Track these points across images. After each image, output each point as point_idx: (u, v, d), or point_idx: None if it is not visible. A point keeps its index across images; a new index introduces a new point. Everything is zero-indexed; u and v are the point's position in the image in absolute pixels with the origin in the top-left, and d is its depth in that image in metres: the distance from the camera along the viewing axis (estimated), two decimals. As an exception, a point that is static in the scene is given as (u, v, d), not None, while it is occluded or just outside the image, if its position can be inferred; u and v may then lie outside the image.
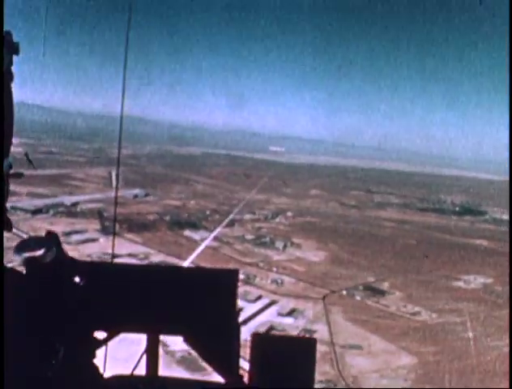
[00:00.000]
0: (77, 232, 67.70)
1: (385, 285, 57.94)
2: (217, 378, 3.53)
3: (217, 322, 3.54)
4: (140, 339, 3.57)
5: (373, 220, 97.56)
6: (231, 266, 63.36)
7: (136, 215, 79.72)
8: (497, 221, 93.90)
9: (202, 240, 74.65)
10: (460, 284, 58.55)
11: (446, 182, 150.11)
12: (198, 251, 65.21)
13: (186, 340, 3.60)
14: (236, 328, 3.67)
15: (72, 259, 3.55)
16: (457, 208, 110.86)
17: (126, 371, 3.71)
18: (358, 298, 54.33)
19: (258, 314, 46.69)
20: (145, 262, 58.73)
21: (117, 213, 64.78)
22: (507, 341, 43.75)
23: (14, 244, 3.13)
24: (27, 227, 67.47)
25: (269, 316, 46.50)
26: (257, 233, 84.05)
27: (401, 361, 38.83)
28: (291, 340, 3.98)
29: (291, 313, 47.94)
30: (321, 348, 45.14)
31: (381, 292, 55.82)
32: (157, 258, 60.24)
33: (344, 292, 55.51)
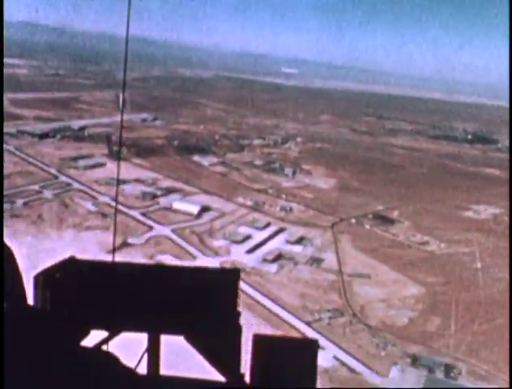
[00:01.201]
0: (84, 157, 67.09)
1: (394, 214, 57.71)
2: (218, 377, 3.49)
3: (218, 322, 3.55)
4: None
5: (384, 146, 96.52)
6: (239, 192, 63.38)
7: (144, 140, 79.01)
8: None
9: (211, 165, 74.25)
10: (470, 214, 58.17)
11: (460, 109, 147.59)
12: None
13: (188, 340, 3.53)
14: (237, 328, 3.63)
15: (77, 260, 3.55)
16: (469, 136, 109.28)
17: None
18: (367, 227, 54.22)
19: (267, 241, 46.68)
20: (152, 187, 58.57)
21: (124, 138, 64.09)
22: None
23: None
24: (34, 151, 67.11)
25: (277, 243, 46.50)
26: (266, 159, 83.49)
27: (409, 290, 38.89)
28: (292, 341, 3.82)
29: (299, 241, 47.93)
30: (329, 277, 45.50)
31: (391, 221, 55.63)
32: (165, 183, 59.95)
33: (353, 221, 55.37)
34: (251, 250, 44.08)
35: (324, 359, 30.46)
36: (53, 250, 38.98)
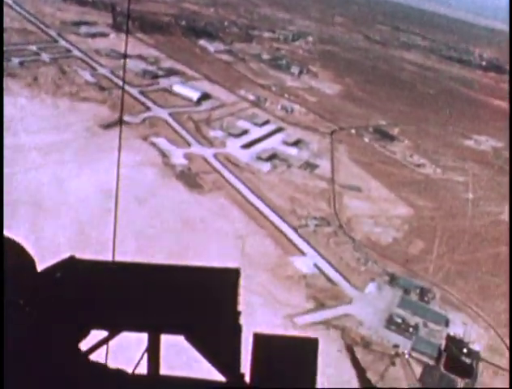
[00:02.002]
0: (87, 23, 64.32)
1: (395, 131, 56.82)
2: (218, 377, 3.49)
3: (218, 322, 3.55)
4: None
5: (396, 60, 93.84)
6: (242, 84, 61.68)
7: (151, 15, 75.72)
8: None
9: (217, 52, 71.81)
10: (470, 143, 57.45)
11: (480, 34, 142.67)
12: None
13: (188, 339, 3.51)
14: (237, 327, 3.62)
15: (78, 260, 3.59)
16: (483, 63, 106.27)
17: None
18: (366, 140, 53.44)
19: (263, 139, 45.91)
20: (154, 66, 56.69)
21: (130, 10, 61.10)
22: (504, 208, 43.91)
23: None
24: (34, 9, 64.06)
25: (273, 143, 45.75)
26: (274, 54, 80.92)
27: (397, 210, 38.88)
28: (292, 340, 3.75)
29: (296, 143, 47.20)
30: (320, 185, 45.23)
31: (390, 138, 54.85)
32: (167, 64, 58.05)
33: (353, 131, 54.47)
34: (247, 146, 43.37)
35: (304, 265, 30.82)
36: (47, 119, 38.11)
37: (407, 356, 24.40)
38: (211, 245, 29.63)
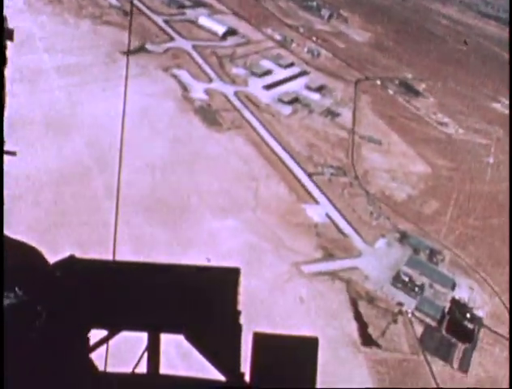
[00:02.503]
0: None
1: (421, 86, 55.27)
2: (218, 376, 3.52)
3: (218, 321, 3.59)
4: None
5: (430, 13, 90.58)
6: (270, 23, 59.90)
7: None
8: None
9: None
10: (497, 106, 55.85)
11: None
12: None
13: (188, 339, 3.61)
14: (237, 327, 3.68)
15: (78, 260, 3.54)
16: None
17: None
18: (391, 92, 52.09)
19: (286, 81, 44.85)
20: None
21: None
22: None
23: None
24: None
25: (296, 86, 44.70)
26: (305, -6, 78.29)
27: (415, 167, 38.20)
28: (292, 339, 3.93)
29: (319, 89, 46.07)
30: (340, 133, 44.38)
31: (416, 93, 53.40)
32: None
33: (378, 82, 53.03)
34: (269, 87, 42.35)
35: (316, 214, 30.50)
36: (68, 39, 37.26)
37: (409, 315, 24.33)
38: (225, 184, 29.30)
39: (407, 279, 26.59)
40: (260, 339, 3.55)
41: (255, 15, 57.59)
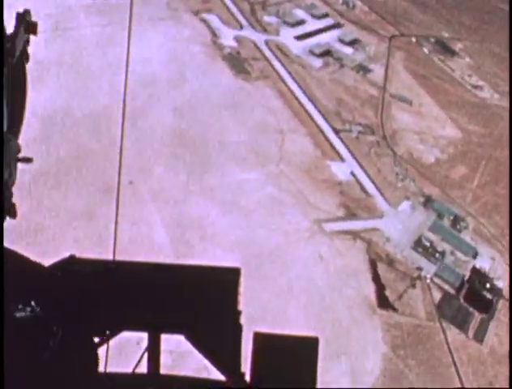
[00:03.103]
0: None
1: (457, 46, 53.40)
2: (218, 376, 3.56)
3: (218, 321, 3.75)
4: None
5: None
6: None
7: None
8: None
9: None
10: (536, 71, 53.95)
11: None
12: None
13: (188, 339, 3.79)
14: (237, 327, 3.78)
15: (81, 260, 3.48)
16: None
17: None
18: (425, 51, 50.43)
19: (319, 33, 43.58)
20: None
21: None
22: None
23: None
24: None
25: (329, 39, 43.39)
26: None
27: (445, 131, 37.24)
28: (293, 339, 3.90)
29: (352, 43, 44.72)
30: (370, 90, 43.41)
31: (451, 53, 51.66)
32: None
33: (413, 39, 51.37)
34: (301, 37, 41.18)
35: (341, 171, 29.95)
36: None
37: (428, 280, 24.00)
38: (249, 134, 28.80)
39: (428, 244, 26.21)
40: (260, 339, 3.62)
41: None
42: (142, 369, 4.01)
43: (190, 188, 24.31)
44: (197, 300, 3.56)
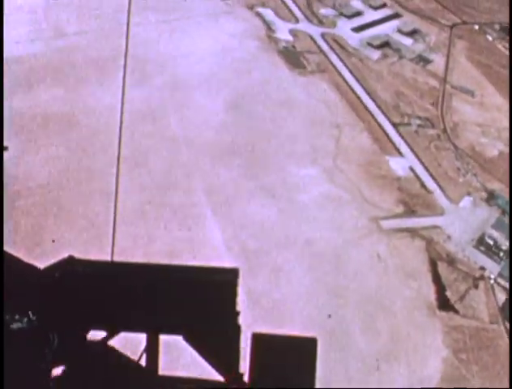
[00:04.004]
0: None
1: (523, 33, 51.21)
2: (218, 377, 3.60)
3: (217, 322, 3.65)
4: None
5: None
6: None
7: None
8: None
9: None
10: None
11: None
12: None
13: (186, 339, 3.73)
14: (236, 328, 3.69)
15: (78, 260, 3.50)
16: None
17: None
18: (489, 38, 48.50)
19: (377, 24, 42.58)
20: None
21: None
22: None
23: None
24: None
25: (387, 30, 42.35)
26: None
27: (509, 123, 35.65)
28: (291, 340, 3.73)
29: (412, 33, 43.50)
30: (430, 82, 42.10)
31: (517, 40, 49.54)
32: None
33: (476, 27, 49.51)
34: (358, 29, 40.38)
35: (400, 166, 29.18)
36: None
37: (492, 281, 23.06)
38: (306, 129, 28.42)
39: (491, 242, 25.17)
40: (259, 340, 3.55)
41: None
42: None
43: (245, 185, 24.16)
44: (195, 300, 3.60)
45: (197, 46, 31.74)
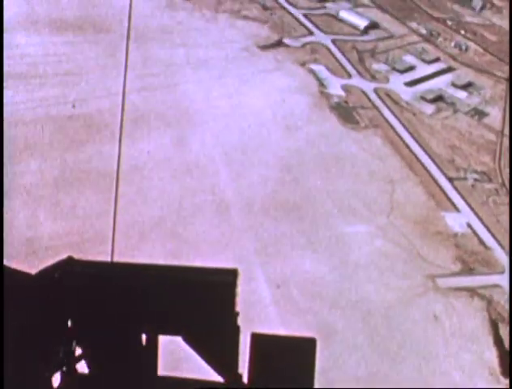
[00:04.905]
0: None
1: None
2: (217, 377, 3.50)
3: (216, 323, 3.54)
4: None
5: None
6: (415, 16, 57.13)
7: None
8: None
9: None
10: None
11: None
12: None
13: (186, 340, 3.61)
14: (235, 329, 3.58)
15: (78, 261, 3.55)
16: None
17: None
18: (547, 91, 47.37)
19: (430, 78, 42.31)
20: None
21: None
22: None
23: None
24: None
25: (441, 83, 42.00)
26: (455, -16, 73.95)
27: None
28: (290, 340, 3.74)
29: (466, 86, 42.97)
30: (487, 135, 40.99)
31: None
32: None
33: (534, 80, 48.51)
34: (411, 84, 40.18)
35: (457, 222, 28.25)
36: (204, 33, 37.85)
37: (559, 344, 21.67)
38: (359, 185, 28.09)
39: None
40: (258, 340, 3.42)
41: (400, 8, 55.20)
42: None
43: (297, 240, 23.87)
44: (195, 301, 3.54)
45: (248, 102, 32.22)
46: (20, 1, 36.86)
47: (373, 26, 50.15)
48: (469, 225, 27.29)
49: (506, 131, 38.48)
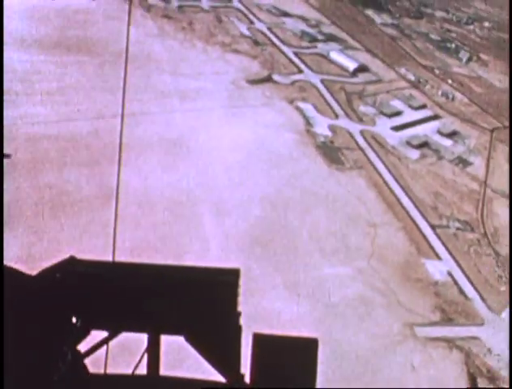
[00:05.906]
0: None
1: None
2: (218, 377, 3.50)
3: (218, 322, 3.58)
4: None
5: None
6: (404, 62, 57.86)
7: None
8: None
9: (383, 25, 67.78)
10: None
11: None
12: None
13: (187, 340, 3.65)
14: (237, 328, 3.62)
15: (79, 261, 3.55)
16: None
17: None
18: (530, 142, 47.82)
19: (416, 124, 42.50)
20: (315, 30, 54.15)
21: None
22: None
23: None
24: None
25: (427, 130, 42.18)
26: (443, 36, 75.21)
27: (555, 231, 34.15)
28: (292, 340, 3.69)
29: (451, 135, 43.20)
30: (470, 185, 41.17)
31: (560, 147, 48.72)
32: (329, 29, 55.45)
33: (517, 133, 49.01)
34: (397, 128, 40.31)
35: (437, 270, 27.84)
36: (194, 65, 37.73)
37: (538, 402, 21.06)
38: (340, 227, 27.64)
39: (537, 359, 23.27)
40: (260, 340, 3.39)
41: (389, 54, 55.87)
42: (142, 370, 3.92)
43: (274, 280, 23.22)
44: (197, 301, 3.56)
45: (234, 136, 31.87)
46: (10, 19, 36.51)
47: (363, 69, 50.55)
48: (450, 274, 26.89)
49: (489, 181, 38.52)
